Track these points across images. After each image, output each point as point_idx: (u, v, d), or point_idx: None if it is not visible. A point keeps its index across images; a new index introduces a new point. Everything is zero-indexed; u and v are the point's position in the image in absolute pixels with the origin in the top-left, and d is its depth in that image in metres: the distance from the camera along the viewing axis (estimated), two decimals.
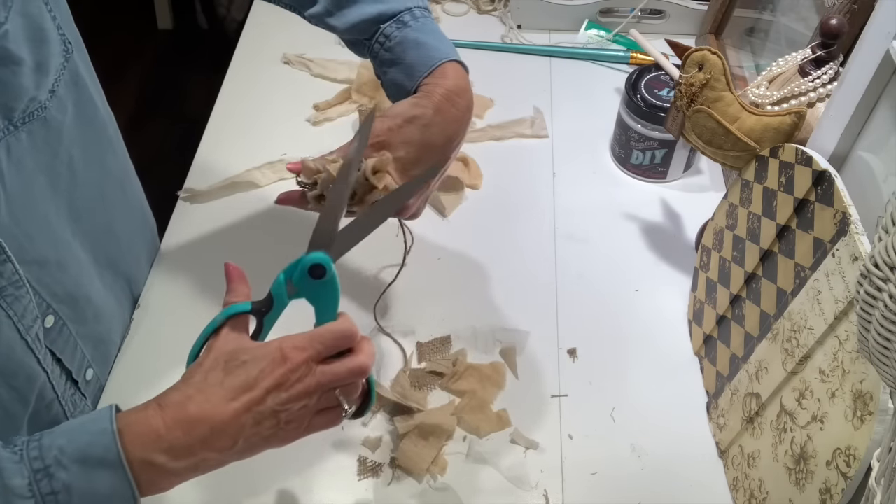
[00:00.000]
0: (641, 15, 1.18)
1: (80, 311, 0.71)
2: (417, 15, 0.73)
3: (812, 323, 0.64)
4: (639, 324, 0.87)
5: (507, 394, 0.81)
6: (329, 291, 0.61)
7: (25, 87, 0.60)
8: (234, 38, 1.20)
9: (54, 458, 0.51)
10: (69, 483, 0.50)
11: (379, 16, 0.72)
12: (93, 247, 0.74)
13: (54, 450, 0.51)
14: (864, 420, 0.56)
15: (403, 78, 0.72)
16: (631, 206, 0.98)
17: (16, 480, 0.50)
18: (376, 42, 0.72)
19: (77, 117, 0.69)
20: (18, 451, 0.51)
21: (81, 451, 0.51)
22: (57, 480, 0.50)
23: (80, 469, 0.51)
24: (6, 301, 0.60)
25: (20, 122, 0.60)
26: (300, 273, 0.60)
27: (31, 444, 0.51)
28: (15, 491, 0.49)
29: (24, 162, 0.62)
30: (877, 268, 0.43)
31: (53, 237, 0.67)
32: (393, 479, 0.75)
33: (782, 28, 1.03)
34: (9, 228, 0.60)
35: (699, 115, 0.77)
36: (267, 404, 0.56)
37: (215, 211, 0.97)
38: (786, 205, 0.70)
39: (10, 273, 0.60)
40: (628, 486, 0.75)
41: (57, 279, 0.67)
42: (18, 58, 0.59)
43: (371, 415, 0.79)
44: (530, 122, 1.07)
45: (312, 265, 0.60)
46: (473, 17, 1.25)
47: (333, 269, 0.60)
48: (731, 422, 0.75)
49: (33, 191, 0.64)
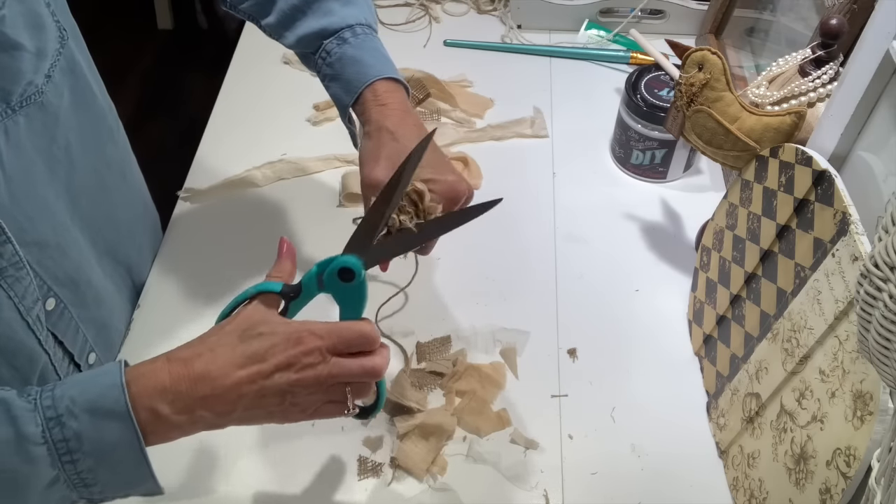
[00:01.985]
0: (641, 15, 1.18)
1: (80, 294, 0.72)
2: (358, 32, 0.75)
3: (812, 323, 0.64)
4: (639, 324, 0.87)
5: (507, 394, 0.81)
6: (356, 295, 0.62)
7: (23, 72, 0.62)
8: (234, 38, 1.20)
9: (66, 408, 0.53)
10: (80, 431, 0.53)
11: (322, 31, 0.75)
12: (92, 232, 0.75)
13: (66, 400, 0.53)
14: (864, 420, 0.56)
15: (342, 93, 0.74)
16: (631, 206, 0.98)
17: (30, 428, 0.52)
18: (319, 57, 0.75)
19: (74, 103, 0.70)
20: (32, 400, 0.53)
21: (92, 403, 0.53)
22: (68, 429, 0.53)
23: (90, 419, 0.53)
24: (6, 282, 0.61)
25: (18, 105, 0.62)
26: (330, 272, 0.61)
27: (45, 393, 0.53)
28: (29, 438, 0.52)
29: (22, 145, 0.63)
30: (877, 268, 0.43)
31: (53, 221, 0.68)
32: (393, 479, 0.75)
33: (782, 28, 1.03)
34: (8, 210, 0.61)
35: (699, 115, 0.77)
36: (274, 380, 0.56)
37: (215, 210, 0.97)
38: (786, 205, 0.70)
39: (10, 254, 0.61)
40: (628, 486, 0.75)
41: (57, 262, 0.68)
42: (16, 42, 0.60)
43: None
44: (530, 122, 1.07)
45: (343, 268, 0.61)
46: (473, 17, 1.25)
47: (363, 276, 0.61)
48: (731, 422, 0.75)
49: (32, 174, 0.65)
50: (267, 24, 0.78)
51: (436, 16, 1.24)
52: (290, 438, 0.77)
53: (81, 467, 0.53)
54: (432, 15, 1.24)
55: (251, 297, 0.60)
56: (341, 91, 0.75)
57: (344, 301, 0.62)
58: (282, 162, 1.00)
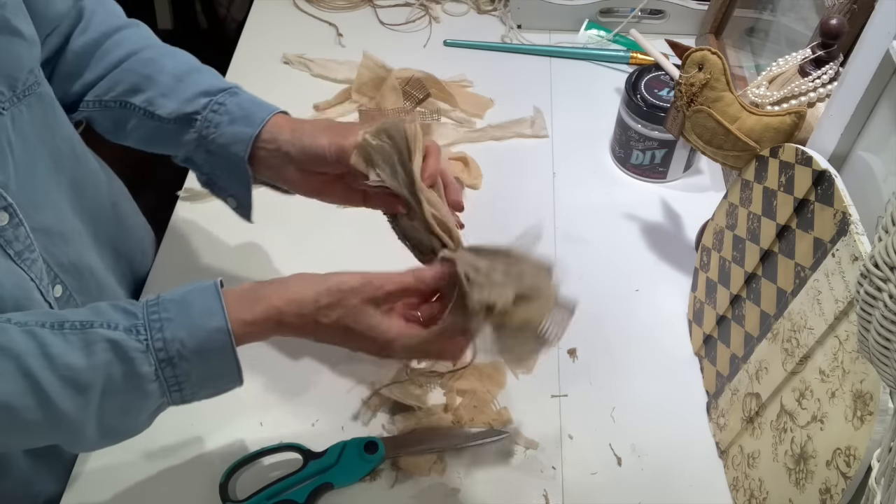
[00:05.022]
0: (641, 15, 1.18)
1: (84, 283, 0.73)
2: (239, 91, 0.76)
3: (812, 323, 0.64)
4: (639, 324, 0.87)
5: (507, 393, 0.81)
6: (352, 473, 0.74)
7: (25, 59, 0.64)
8: (234, 38, 1.19)
9: (177, 351, 0.59)
10: (189, 370, 0.59)
11: (210, 87, 0.74)
12: (94, 225, 0.76)
13: (176, 343, 0.59)
14: (864, 420, 0.56)
15: (243, 129, 0.72)
16: (631, 206, 0.98)
17: (143, 368, 0.58)
18: (210, 110, 0.73)
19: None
20: (144, 341, 0.58)
21: (200, 346, 0.59)
22: (179, 368, 0.59)
23: (199, 359, 0.59)
24: (26, 264, 0.64)
25: (22, 94, 0.64)
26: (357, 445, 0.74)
27: (155, 335, 0.58)
28: (144, 377, 0.58)
29: (27, 134, 0.65)
30: (877, 268, 0.43)
31: (55, 209, 0.69)
32: (394, 480, 0.75)
33: (782, 28, 1.03)
34: (17, 196, 0.63)
35: (699, 115, 0.77)
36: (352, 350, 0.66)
37: (215, 210, 0.97)
38: (786, 205, 0.70)
39: (23, 237, 0.63)
40: (628, 486, 0.75)
41: (61, 249, 0.69)
42: (16, 28, 0.62)
43: (371, 414, 0.79)
44: (530, 122, 1.07)
45: (369, 442, 0.74)
46: (473, 17, 1.25)
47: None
48: (731, 422, 0.75)
49: (36, 163, 0.66)
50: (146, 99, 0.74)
51: (436, 16, 1.24)
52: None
53: (187, 392, 0.61)
54: (432, 15, 1.24)
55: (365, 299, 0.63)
56: (243, 127, 0.72)
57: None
58: None
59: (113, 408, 0.58)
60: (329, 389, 0.81)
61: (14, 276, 0.63)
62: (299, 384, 0.81)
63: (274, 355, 0.83)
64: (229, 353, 0.60)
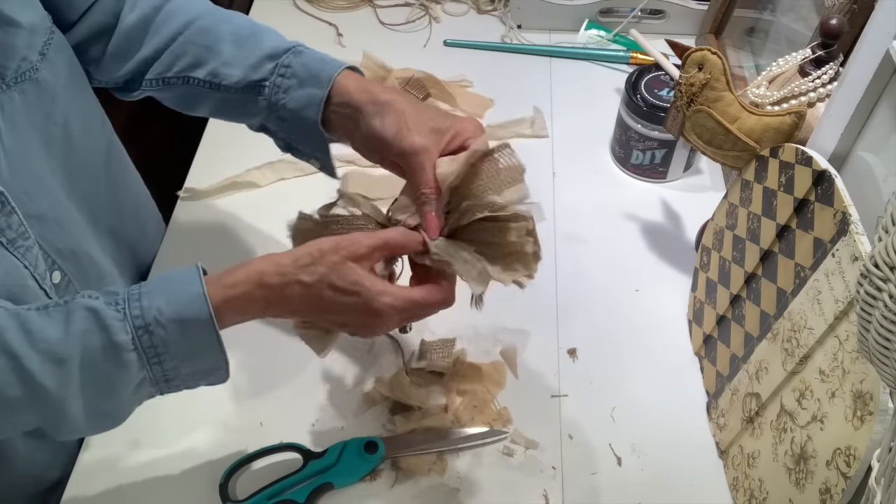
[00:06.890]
0: (641, 15, 1.18)
1: (83, 269, 0.73)
2: (302, 48, 0.73)
3: (812, 323, 0.64)
4: (639, 324, 0.87)
5: (507, 394, 0.81)
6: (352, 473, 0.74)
7: (17, 48, 0.64)
8: None
9: (154, 318, 0.58)
10: (166, 338, 0.58)
11: (273, 51, 0.72)
12: (91, 211, 0.76)
13: (153, 311, 0.58)
14: (864, 420, 0.56)
15: (313, 91, 0.70)
16: (631, 206, 0.98)
17: (121, 336, 0.57)
18: (278, 75, 0.71)
19: (72, 82, 0.71)
20: (121, 310, 0.57)
21: (178, 313, 0.58)
22: (156, 336, 0.58)
23: (176, 327, 0.58)
24: (19, 252, 0.64)
25: (12, 81, 0.64)
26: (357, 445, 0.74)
27: (132, 303, 0.58)
28: (121, 346, 0.57)
29: (17, 120, 0.65)
30: (877, 268, 0.43)
31: (49, 196, 0.69)
32: (394, 480, 0.75)
33: (782, 28, 1.03)
34: (8, 183, 0.63)
35: (699, 115, 0.77)
36: (337, 325, 0.65)
37: (215, 210, 0.97)
38: (786, 205, 0.70)
39: (17, 224, 0.63)
40: (628, 486, 0.75)
41: (57, 235, 0.69)
42: (11, 19, 0.63)
43: (371, 414, 0.79)
44: (530, 122, 1.07)
45: (369, 441, 0.74)
46: (473, 17, 1.25)
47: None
48: (731, 422, 0.75)
49: (29, 149, 0.66)
50: (212, 70, 0.73)
51: (436, 16, 1.24)
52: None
53: (167, 367, 0.59)
54: (432, 15, 1.24)
55: (352, 256, 0.62)
56: (312, 90, 0.70)
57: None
58: (282, 162, 1.00)
59: (94, 383, 0.57)
60: (329, 389, 0.81)
61: (6, 264, 0.63)
62: (299, 384, 0.81)
63: (274, 355, 0.83)
64: (208, 323, 0.59)
